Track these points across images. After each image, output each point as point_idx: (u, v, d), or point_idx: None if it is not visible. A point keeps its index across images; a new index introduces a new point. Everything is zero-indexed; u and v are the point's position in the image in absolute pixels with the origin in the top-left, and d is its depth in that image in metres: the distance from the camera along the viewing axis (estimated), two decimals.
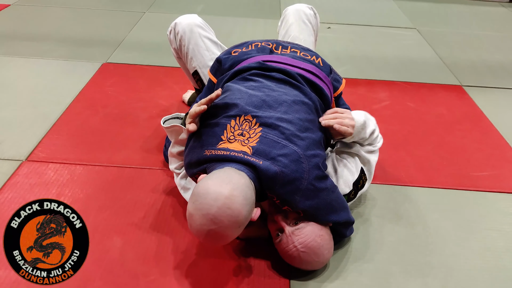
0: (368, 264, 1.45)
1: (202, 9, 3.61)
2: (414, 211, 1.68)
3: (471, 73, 2.78)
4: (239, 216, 1.15)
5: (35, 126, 2.03)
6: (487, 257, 1.50)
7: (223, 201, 1.13)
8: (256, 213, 1.23)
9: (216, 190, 1.14)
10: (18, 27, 3.12)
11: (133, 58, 2.72)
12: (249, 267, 1.41)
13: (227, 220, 1.14)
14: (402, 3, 4.02)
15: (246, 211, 1.17)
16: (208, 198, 1.14)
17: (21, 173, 1.74)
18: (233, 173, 1.21)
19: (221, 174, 1.21)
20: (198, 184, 1.20)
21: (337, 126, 1.42)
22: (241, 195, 1.16)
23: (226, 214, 1.13)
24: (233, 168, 1.25)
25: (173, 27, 1.84)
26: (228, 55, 1.65)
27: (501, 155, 2.02)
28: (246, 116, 1.34)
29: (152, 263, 1.41)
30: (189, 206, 1.18)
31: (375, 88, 2.54)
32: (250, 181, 1.24)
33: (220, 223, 1.13)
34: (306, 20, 1.90)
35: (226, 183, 1.16)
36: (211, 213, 1.13)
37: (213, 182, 1.17)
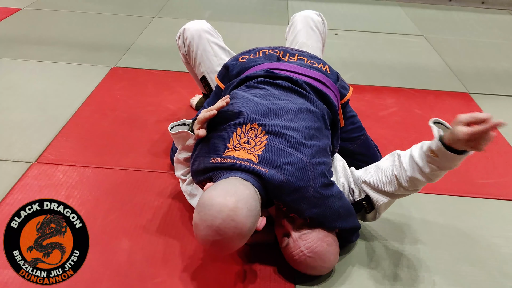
0: (373, 270, 1.45)
1: (210, 14, 3.64)
2: (420, 217, 1.68)
3: (478, 80, 2.78)
4: (243, 228, 1.16)
5: (45, 129, 2.05)
6: (492, 265, 1.51)
7: (227, 213, 1.14)
8: (262, 223, 1.24)
9: (221, 202, 1.15)
10: (29, 31, 3.15)
11: (142, 62, 2.75)
12: (255, 271, 1.42)
13: (231, 231, 1.15)
14: (409, 10, 4.03)
15: (250, 222, 1.18)
16: (212, 209, 1.15)
17: (31, 175, 1.77)
18: (238, 184, 1.22)
19: (226, 185, 1.22)
20: (203, 195, 1.21)
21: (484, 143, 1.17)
22: (245, 207, 1.16)
23: (230, 226, 1.14)
24: (238, 178, 1.25)
25: (181, 33, 1.86)
26: (236, 62, 1.66)
27: (508, 162, 2.03)
28: (252, 124, 1.34)
29: (159, 266, 1.42)
30: (195, 216, 1.19)
31: (382, 94, 2.54)
32: (255, 191, 1.24)
33: (225, 234, 1.14)
34: (314, 27, 1.92)
35: (231, 195, 1.17)
36: (215, 225, 1.14)
37: (217, 194, 1.17)
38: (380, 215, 1.45)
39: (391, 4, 4.17)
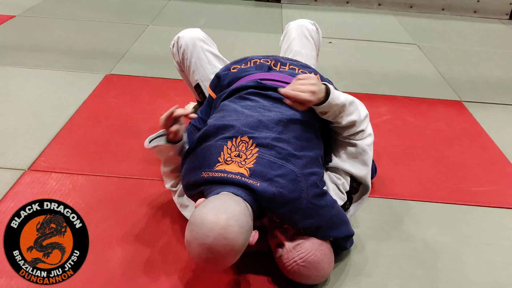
0: (367, 278, 1.45)
1: (204, 22, 3.65)
2: (413, 225, 1.69)
3: (471, 89, 2.80)
4: (235, 245, 1.16)
5: (38, 136, 2.05)
6: (484, 272, 1.51)
7: (219, 231, 1.13)
8: (254, 238, 1.23)
9: (212, 220, 1.14)
10: (23, 38, 3.15)
11: (136, 70, 2.75)
12: (249, 281, 1.42)
13: (223, 249, 1.14)
14: (403, 19, 4.06)
15: (242, 239, 1.17)
16: (204, 228, 1.14)
17: (23, 182, 1.76)
18: (229, 200, 1.22)
19: (217, 202, 1.21)
20: (194, 213, 1.20)
21: (292, 93, 1.33)
22: (236, 224, 1.16)
23: (222, 244, 1.13)
24: (229, 193, 1.25)
25: (176, 41, 1.87)
26: (227, 72, 1.67)
27: (500, 170, 2.04)
28: (242, 137, 1.35)
29: (152, 274, 1.42)
30: (187, 234, 1.18)
31: (375, 102, 2.55)
32: (247, 206, 1.24)
33: (217, 252, 1.14)
34: (308, 36, 1.93)
35: (222, 213, 1.16)
36: (207, 243, 1.13)
37: (208, 212, 1.17)
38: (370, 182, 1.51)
39: (385, 13, 4.21)
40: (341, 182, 1.47)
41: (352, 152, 1.47)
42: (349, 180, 1.48)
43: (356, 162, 1.48)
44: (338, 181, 1.47)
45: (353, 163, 1.48)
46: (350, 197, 1.49)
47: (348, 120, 1.42)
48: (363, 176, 1.48)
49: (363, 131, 1.48)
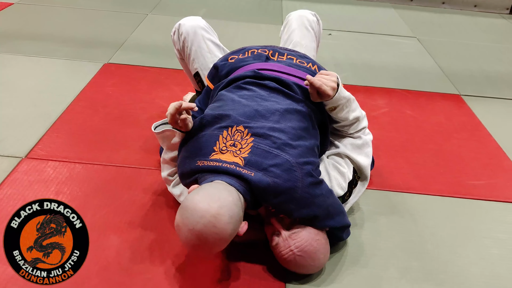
0: (363, 269, 1.46)
1: (204, 12, 3.63)
2: (410, 217, 1.69)
3: (470, 83, 2.80)
4: (223, 234, 1.16)
5: (36, 125, 2.04)
6: (481, 265, 1.51)
7: (209, 219, 1.13)
8: (243, 228, 1.23)
9: (203, 207, 1.14)
10: (21, 25, 3.13)
11: (135, 59, 2.74)
12: (245, 270, 1.42)
13: (212, 237, 1.15)
14: (403, 11, 4.05)
15: (231, 229, 1.18)
16: (194, 215, 1.14)
17: (21, 170, 1.75)
18: (222, 189, 1.22)
19: (210, 189, 1.21)
20: (187, 198, 1.20)
21: (318, 83, 1.41)
22: (227, 214, 1.16)
23: (211, 232, 1.14)
24: (223, 182, 1.25)
25: (177, 28, 1.86)
26: (225, 62, 1.67)
27: (498, 164, 2.04)
28: (238, 127, 1.35)
29: (148, 262, 1.42)
30: (177, 218, 1.19)
31: (374, 95, 2.55)
32: (239, 196, 1.24)
33: (204, 239, 1.14)
34: (308, 26, 1.92)
35: (214, 201, 1.16)
36: (196, 230, 1.14)
37: (200, 199, 1.17)
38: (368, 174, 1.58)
39: (385, 5, 4.19)
40: (345, 170, 1.51)
41: (358, 144, 1.57)
42: (352, 170, 1.52)
43: (361, 153, 1.56)
44: (343, 169, 1.51)
45: (358, 154, 1.56)
46: (351, 187, 1.50)
47: (354, 116, 1.53)
48: (366, 166, 1.56)
49: (365, 128, 1.60)
